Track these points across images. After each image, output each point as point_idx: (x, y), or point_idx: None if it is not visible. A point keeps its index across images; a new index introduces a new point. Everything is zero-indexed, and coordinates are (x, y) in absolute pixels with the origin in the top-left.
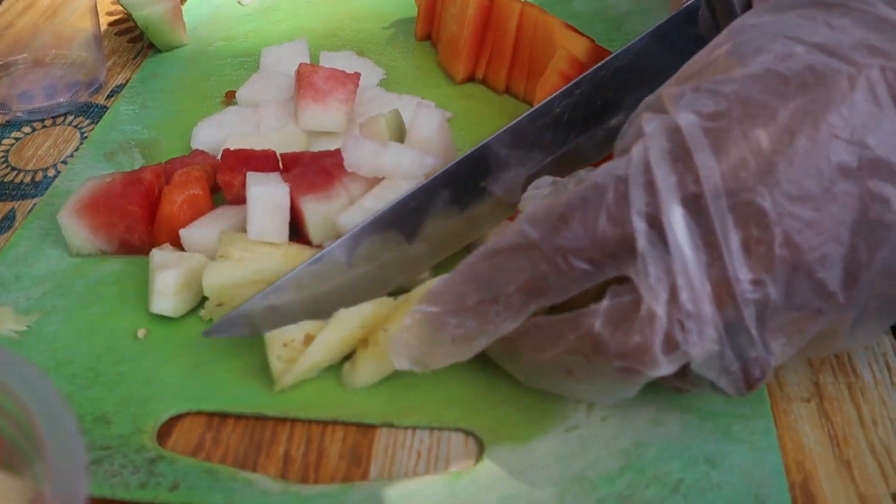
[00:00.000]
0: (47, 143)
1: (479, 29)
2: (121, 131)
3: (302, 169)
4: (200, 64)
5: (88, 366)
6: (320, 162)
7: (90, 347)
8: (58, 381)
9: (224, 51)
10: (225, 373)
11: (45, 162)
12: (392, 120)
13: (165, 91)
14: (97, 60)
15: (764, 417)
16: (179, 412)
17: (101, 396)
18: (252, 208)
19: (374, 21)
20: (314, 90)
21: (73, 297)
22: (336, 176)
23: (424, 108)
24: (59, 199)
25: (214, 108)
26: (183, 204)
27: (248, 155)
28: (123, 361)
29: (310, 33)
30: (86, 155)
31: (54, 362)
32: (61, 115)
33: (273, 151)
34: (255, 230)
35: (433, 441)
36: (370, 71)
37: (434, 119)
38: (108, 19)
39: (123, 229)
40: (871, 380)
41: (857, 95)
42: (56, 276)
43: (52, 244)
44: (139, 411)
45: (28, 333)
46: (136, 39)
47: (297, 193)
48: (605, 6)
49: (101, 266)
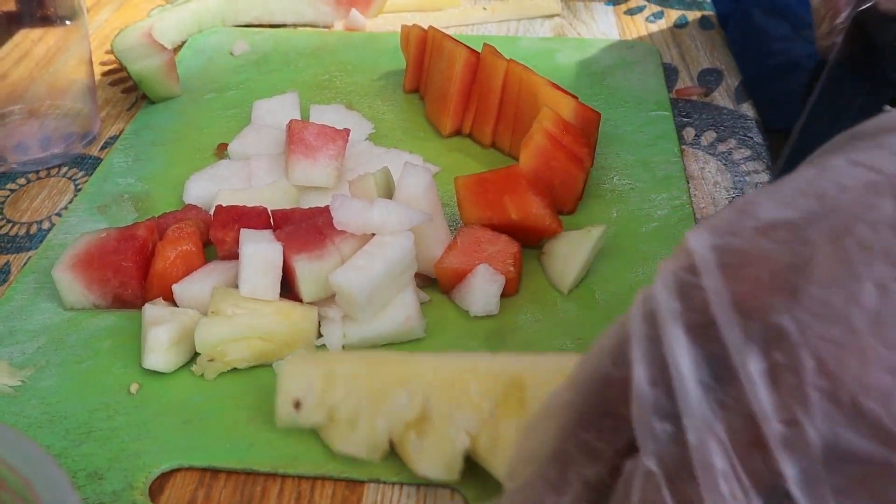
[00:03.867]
0: (41, 195)
1: (465, 85)
2: (114, 184)
3: (294, 227)
4: (193, 115)
5: (82, 421)
6: (312, 220)
7: (83, 402)
8: (51, 437)
9: (216, 102)
10: (216, 428)
11: (39, 214)
12: (381, 179)
13: (158, 143)
14: (91, 111)
15: None
16: (171, 468)
17: (93, 452)
18: (245, 266)
19: (364, 73)
20: (304, 146)
21: (66, 352)
22: (327, 235)
23: (412, 167)
24: (53, 253)
25: (207, 160)
26: (176, 259)
27: (240, 212)
28: (116, 416)
29: (301, 85)
30: (79, 208)
31: (48, 417)
32: (56, 167)
33: (265, 208)
34: (247, 288)
35: (420, 497)
36: (359, 124)
37: (421, 178)
38: (101, 69)
39: (117, 284)
40: None
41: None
42: (50, 330)
43: (47, 298)
44: (131, 466)
45: (22, 389)
46: (130, 90)
47: (289, 252)
48: (588, 60)
49: (94, 320)
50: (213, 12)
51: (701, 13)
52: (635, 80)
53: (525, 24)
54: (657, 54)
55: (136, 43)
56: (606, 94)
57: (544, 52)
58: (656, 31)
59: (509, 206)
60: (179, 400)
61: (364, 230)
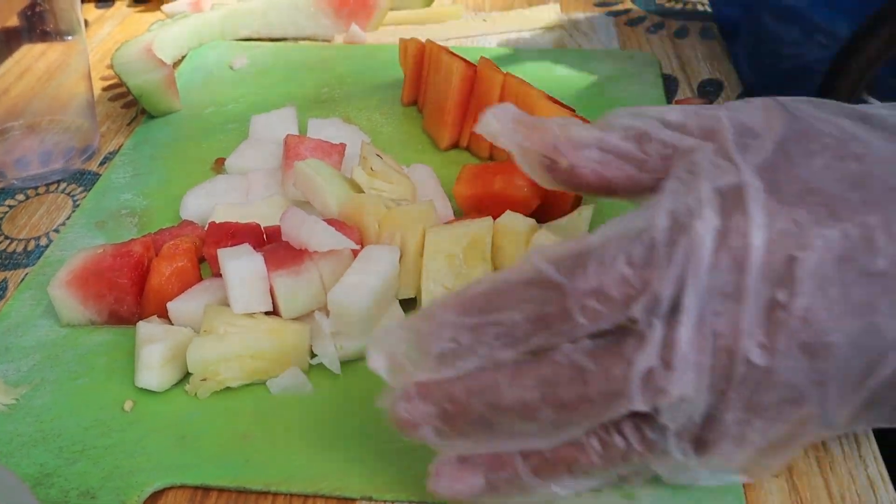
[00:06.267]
0: (40, 211)
1: (463, 98)
2: (112, 199)
3: (275, 244)
4: (192, 130)
5: (76, 439)
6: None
7: (78, 420)
8: (45, 455)
9: (215, 116)
10: (208, 446)
11: (37, 230)
12: (318, 167)
13: (157, 157)
14: (91, 126)
15: (735, 493)
16: (163, 486)
17: (87, 470)
18: (231, 283)
19: (362, 86)
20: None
21: (62, 369)
22: (306, 252)
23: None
24: (50, 269)
25: (205, 175)
26: (171, 276)
27: (233, 228)
28: (110, 434)
29: (300, 99)
30: (77, 223)
31: (42, 435)
32: (55, 182)
33: (257, 225)
34: (239, 305)
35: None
36: (356, 138)
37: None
38: (102, 84)
39: (113, 301)
40: (840, 454)
41: None
42: (46, 347)
43: (43, 314)
44: (124, 485)
45: (17, 407)
46: (129, 105)
47: (269, 269)
48: (587, 70)
49: (90, 336)
50: (212, 26)
51: (702, 23)
52: (635, 92)
53: (525, 36)
54: (657, 65)
55: (135, 58)
56: (606, 106)
57: (544, 64)
58: (657, 42)
59: (497, 180)
60: (173, 418)
61: (300, 245)
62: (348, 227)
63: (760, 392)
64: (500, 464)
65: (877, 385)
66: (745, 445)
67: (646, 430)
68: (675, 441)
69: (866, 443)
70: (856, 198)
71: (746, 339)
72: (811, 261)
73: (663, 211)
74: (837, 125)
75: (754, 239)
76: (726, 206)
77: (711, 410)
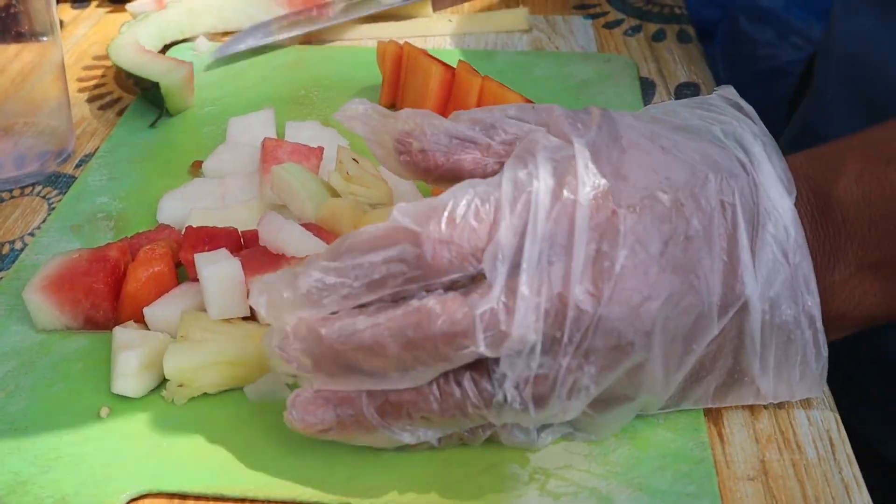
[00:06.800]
0: (15, 215)
1: (440, 101)
2: (88, 203)
3: (252, 249)
4: (169, 132)
5: (50, 446)
6: None
7: (53, 427)
8: (19, 463)
9: (192, 119)
10: (185, 453)
11: (12, 234)
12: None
13: (133, 160)
14: (67, 129)
15: (711, 496)
16: (140, 493)
17: (61, 478)
18: (208, 289)
19: (340, 89)
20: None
21: (37, 375)
22: (283, 257)
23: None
24: (25, 274)
25: (182, 178)
26: (147, 281)
27: (209, 233)
28: (85, 441)
29: (277, 100)
30: (52, 227)
31: (17, 443)
32: (29, 186)
33: (235, 229)
34: (215, 310)
35: None
36: (334, 141)
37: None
38: (77, 85)
39: (88, 306)
40: (814, 457)
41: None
42: (21, 353)
43: (18, 320)
44: (99, 492)
45: None
46: (106, 107)
47: (246, 274)
48: (564, 74)
49: (66, 342)
50: (172, 24)
51: (679, 27)
52: (612, 95)
53: (503, 38)
54: (634, 68)
55: (149, 59)
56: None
57: (522, 66)
58: (634, 45)
59: None
60: (150, 424)
61: (277, 250)
62: (325, 232)
63: (590, 337)
64: (349, 400)
65: (701, 351)
66: (580, 395)
67: (483, 383)
68: (514, 393)
69: (841, 446)
70: (665, 176)
71: (575, 287)
72: (632, 218)
73: (507, 177)
74: (650, 128)
75: (582, 196)
76: (559, 170)
77: (547, 360)
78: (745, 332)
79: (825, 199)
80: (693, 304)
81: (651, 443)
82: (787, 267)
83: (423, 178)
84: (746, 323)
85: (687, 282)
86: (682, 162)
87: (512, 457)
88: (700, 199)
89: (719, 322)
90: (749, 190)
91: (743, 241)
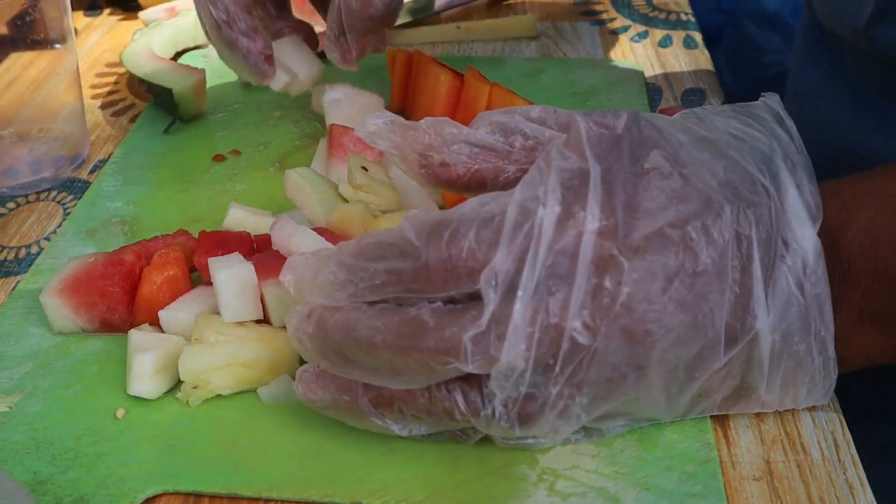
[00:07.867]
0: (30, 220)
1: (449, 108)
2: (103, 208)
3: (265, 253)
4: (182, 138)
5: (68, 446)
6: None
7: (70, 428)
8: (38, 463)
9: (205, 124)
10: (201, 453)
11: (28, 238)
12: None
13: (147, 166)
14: (81, 135)
15: (716, 496)
16: (155, 493)
17: (79, 478)
18: (221, 293)
19: None
20: (343, 151)
21: (54, 377)
22: None
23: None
24: (41, 278)
25: (195, 181)
26: (162, 285)
27: (223, 237)
28: (102, 442)
29: (288, 107)
30: (68, 232)
31: (35, 443)
32: (45, 191)
33: (248, 233)
34: (229, 313)
35: None
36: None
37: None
38: (91, 92)
39: (104, 309)
40: (819, 457)
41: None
42: (38, 355)
43: (35, 323)
44: (116, 492)
45: (9, 415)
46: (119, 113)
47: (259, 277)
48: (571, 80)
49: (82, 345)
50: (185, 32)
51: (685, 33)
52: (618, 101)
53: (511, 44)
54: (640, 74)
55: (162, 66)
56: None
57: (529, 73)
58: (641, 51)
59: None
60: (165, 425)
61: (289, 254)
62: (337, 237)
63: (584, 370)
64: (347, 387)
65: (704, 378)
66: (570, 420)
67: (473, 395)
68: (502, 410)
69: (845, 447)
70: (678, 208)
71: (573, 319)
72: (637, 255)
73: (515, 200)
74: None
75: (588, 230)
76: (568, 197)
77: (538, 383)
78: (753, 358)
79: (833, 241)
80: (696, 339)
81: (658, 444)
82: (801, 299)
83: (447, 188)
84: (755, 351)
85: (691, 318)
86: (699, 191)
87: (521, 458)
88: (713, 232)
89: (727, 354)
90: (769, 218)
91: (757, 273)
